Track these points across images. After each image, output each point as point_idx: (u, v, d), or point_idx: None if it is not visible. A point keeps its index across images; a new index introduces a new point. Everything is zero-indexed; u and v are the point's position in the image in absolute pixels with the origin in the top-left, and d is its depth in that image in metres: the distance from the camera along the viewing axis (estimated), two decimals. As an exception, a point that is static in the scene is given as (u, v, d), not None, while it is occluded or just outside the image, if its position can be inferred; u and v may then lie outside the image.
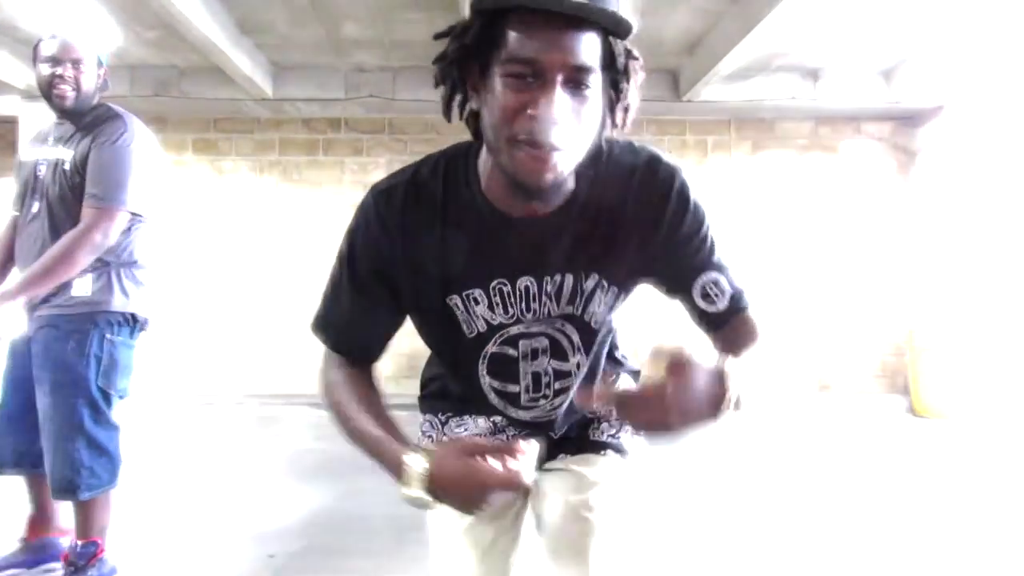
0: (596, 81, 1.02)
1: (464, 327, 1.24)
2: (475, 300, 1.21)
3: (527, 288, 1.20)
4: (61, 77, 2.60)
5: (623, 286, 1.24)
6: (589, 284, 1.21)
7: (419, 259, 1.18)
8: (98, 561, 2.65)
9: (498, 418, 1.39)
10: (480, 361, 1.28)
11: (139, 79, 6.47)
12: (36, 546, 2.79)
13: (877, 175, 7.29)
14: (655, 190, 1.16)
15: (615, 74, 1.06)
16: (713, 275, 1.19)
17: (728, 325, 1.22)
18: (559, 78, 0.98)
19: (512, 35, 0.99)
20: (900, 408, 6.88)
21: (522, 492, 1.23)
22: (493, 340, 1.25)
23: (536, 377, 1.30)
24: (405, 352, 1.44)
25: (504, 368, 1.29)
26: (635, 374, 1.48)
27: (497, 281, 1.20)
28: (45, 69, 2.61)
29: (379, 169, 7.19)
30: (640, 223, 1.17)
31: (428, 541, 1.40)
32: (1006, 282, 6.19)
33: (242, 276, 7.12)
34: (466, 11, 1.11)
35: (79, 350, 2.55)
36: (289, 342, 6.56)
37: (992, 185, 6.34)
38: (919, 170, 7.20)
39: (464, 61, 1.08)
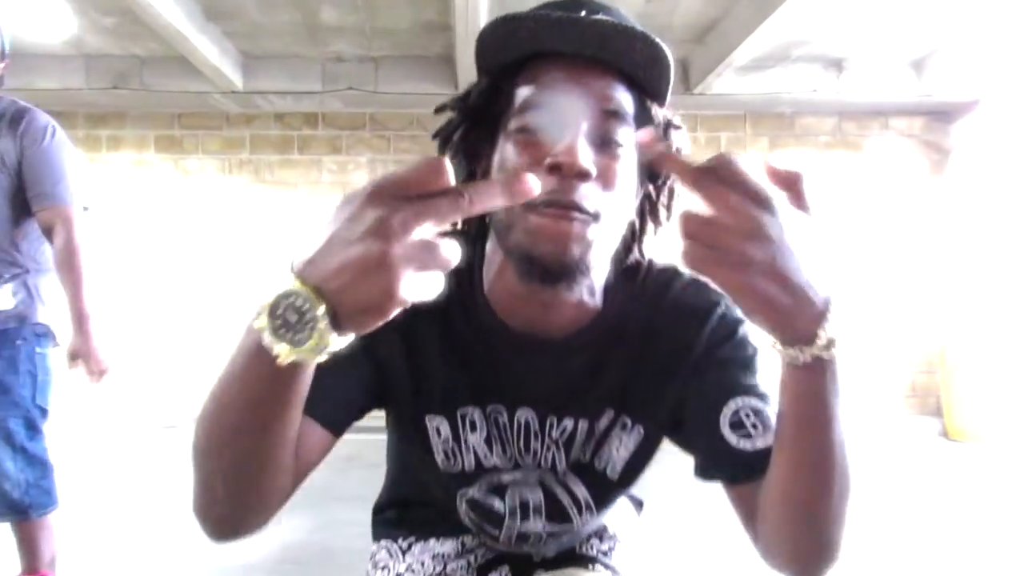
0: (629, 139, 0.91)
1: (439, 458, 1.09)
2: (472, 424, 1.07)
3: (527, 423, 1.07)
4: None
5: (647, 425, 1.08)
6: (603, 423, 1.07)
7: (410, 353, 1.04)
8: None
9: (468, 538, 1.27)
10: (457, 500, 1.16)
11: (96, 70, 6.46)
12: None
13: (907, 175, 7.31)
14: (693, 307, 1.04)
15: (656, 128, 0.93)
16: (753, 401, 0.98)
17: (760, 477, 0.92)
18: (583, 125, 0.87)
19: (523, 88, 0.92)
20: (932, 431, 6.88)
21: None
22: (478, 484, 1.12)
23: (522, 536, 1.18)
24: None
25: (484, 519, 1.17)
26: (639, 504, 1.40)
27: (492, 407, 1.07)
28: None
29: (359, 169, 7.19)
30: (670, 347, 1.04)
31: None
32: (1048, 293, 6.21)
33: (210, 286, 7.10)
34: None
35: (12, 368, 2.59)
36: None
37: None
38: (953, 170, 7.22)
39: (469, 139, 0.99)
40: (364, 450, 6.13)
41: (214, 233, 7.19)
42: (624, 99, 0.91)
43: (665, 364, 1.03)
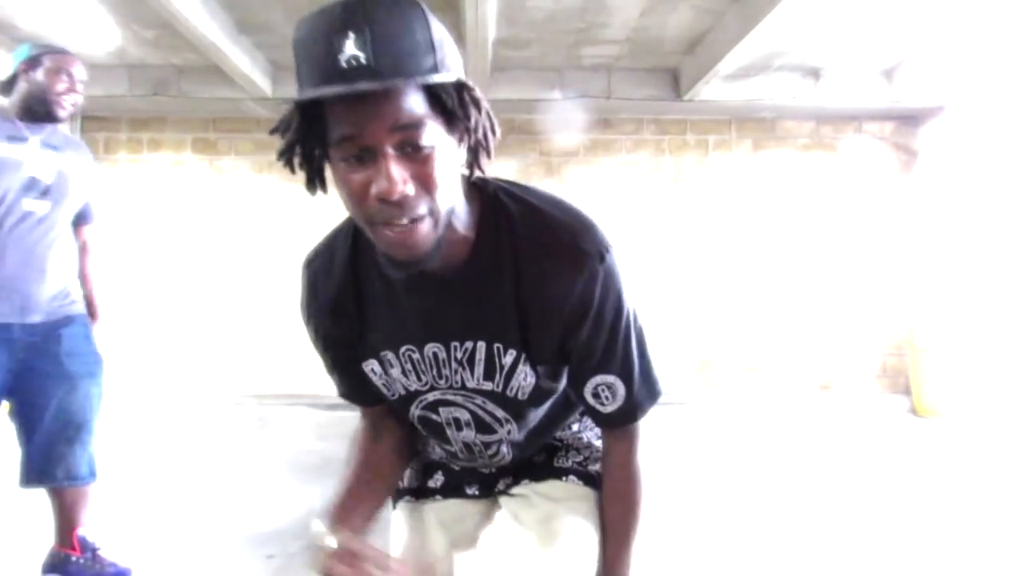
0: (433, 131, 0.95)
1: (384, 391, 1.26)
2: (390, 363, 1.22)
3: (435, 355, 1.18)
4: (73, 90, 2.71)
5: (548, 364, 1.17)
6: (508, 359, 1.16)
7: (342, 323, 1.21)
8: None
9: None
10: (412, 419, 1.31)
11: (137, 78, 6.46)
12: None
13: (878, 174, 7.29)
14: (568, 267, 1.08)
15: (452, 114, 0.97)
16: (608, 378, 1.17)
17: (612, 428, 1.24)
18: (388, 148, 0.92)
19: (331, 119, 0.95)
20: (901, 408, 6.88)
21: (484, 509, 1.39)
22: (415, 404, 1.26)
23: (467, 446, 1.32)
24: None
25: (435, 431, 1.32)
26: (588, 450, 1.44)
27: (406, 348, 1.19)
28: (57, 80, 2.67)
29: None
30: (549, 298, 1.10)
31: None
32: (1008, 282, 6.19)
33: (242, 276, 7.11)
34: (467, 9, 1.10)
35: (94, 343, 2.81)
36: (289, 343, 6.55)
37: (993, 185, 6.33)
38: (920, 170, 7.20)
39: (303, 152, 1.01)
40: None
41: (246, 227, 7.20)
42: (415, 104, 0.93)
43: (544, 307, 1.11)
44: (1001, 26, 5.28)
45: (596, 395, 1.18)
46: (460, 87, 0.98)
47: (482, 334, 1.15)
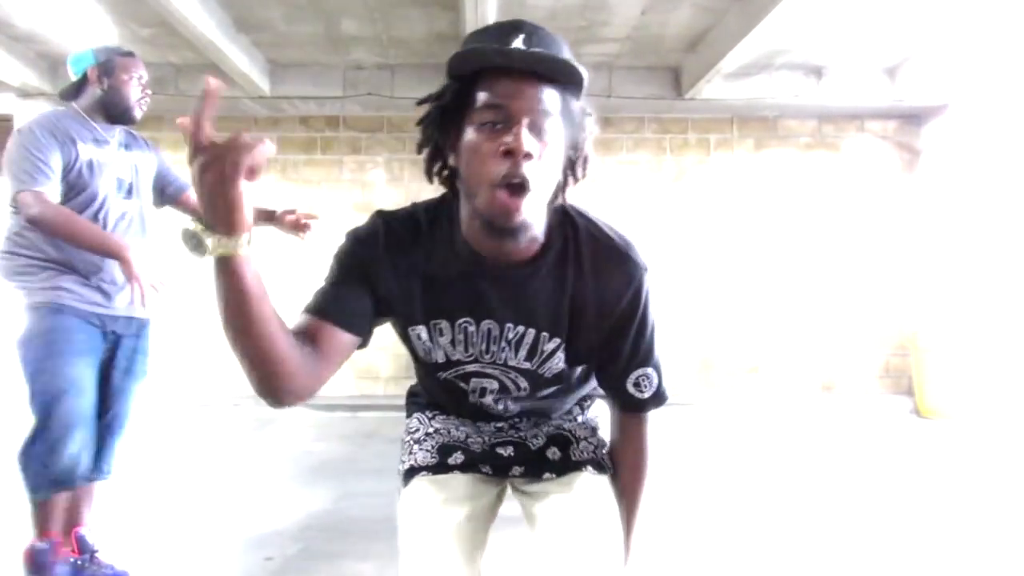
0: (556, 127, 1.17)
1: (420, 354, 1.39)
2: (440, 332, 1.35)
3: (489, 331, 1.34)
4: (146, 93, 2.83)
5: (579, 357, 1.38)
6: (550, 346, 1.35)
7: (399, 284, 1.31)
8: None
9: (482, 423, 1.56)
10: (438, 380, 1.44)
11: (135, 77, 6.45)
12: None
13: (881, 173, 7.29)
14: (621, 277, 1.31)
15: (572, 127, 1.21)
16: (648, 371, 1.38)
17: (642, 412, 1.44)
18: (524, 121, 1.12)
19: (482, 92, 1.15)
20: (904, 409, 6.88)
21: (497, 491, 1.55)
22: (450, 370, 1.41)
23: (478, 408, 1.48)
24: (403, 353, 1.46)
25: (453, 395, 1.47)
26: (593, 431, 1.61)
27: (463, 320, 1.33)
28: (133, 84, 2.78)
29: (377, 167, 7.20)
30: (602, 302, 1.31)
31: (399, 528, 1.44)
32: (1011, 282, 6.19)
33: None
34: (467, 9, 1.21)
35: (144, 351, 2.94)
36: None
37: (997, 184, 6.33)
38: (923, 169, 7.20)
39: (443, 121, 1.22)
40: (382, 427, 6.17)
41: (244, 227, 7.18)
42: (551, 100, 1.15)
43: (596, 309, 1.32)
44: (1006, 23, 5.28)
45: (636, 384, 1.38)
46: (584, 109, 1.23)
47: (534, 323, 1.33)
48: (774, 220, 7.23)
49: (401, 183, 7.19)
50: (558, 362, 1.37)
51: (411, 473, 1.52)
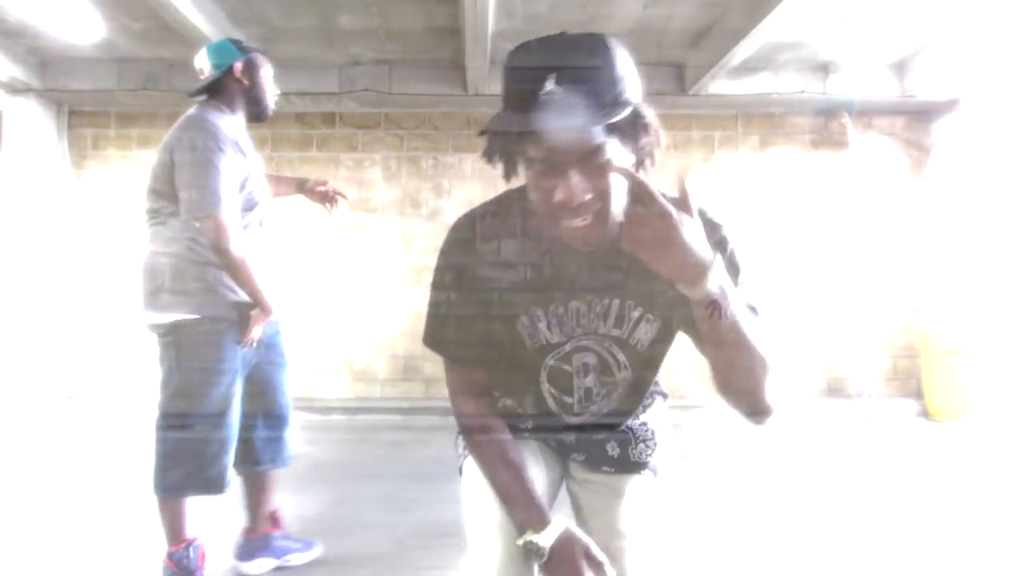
0: (610, 152, 1.21)
1: (527, 340, 1.48)
2: (538, 318, 1.46)
3: (578, 309, 1.45)
4: (278, 93, 2.95)
5: (665, 319, 1.47)
6: (635, 314, 1.46)
7: (493, 277, 1.42)
8: None
9: (541, 433, 1.66)
10: (542, 371, 1.53)
11: (126, 73, 6.46)
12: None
13: (889, 172, 7.29)
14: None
15: (631, 136, 1.26)
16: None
17: None
18: (572, 172, 1.18)
19: (527, 137, 1.19)
20: (912, 411, 6.88)
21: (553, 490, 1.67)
22: (552, 355, 1.51)
23: (587, 392, 1.56)
24: (400, 355, 1.47)
25: (561, 383, 1.55)
26: (664, 396, 1.79)
27: (555, 304, 1.44)
28: (272, 82, 2.93)
29: (375, 166, 7.19)
30: None
31: (465, 532, 1.56)
32: (1023, 283, 6.19)
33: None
34: (465, 2, 1.21)
35: None
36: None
37: (1010, 183, 6.33)
38: (933, 167, 7.19)
39: (505, 153, 1.28)
40: (379, 430, 6.17)
41: (238, 226, 7.17)
42: (595, 134, 1.18)
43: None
44: (1018, 16, 5.27)
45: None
46: (635, 115, 1.26)
47: (619, 294, 1.44)
48: (779, 219, 7.23)
49: (399, 181, 7.19)
50: (646, 332, 1.47)
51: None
